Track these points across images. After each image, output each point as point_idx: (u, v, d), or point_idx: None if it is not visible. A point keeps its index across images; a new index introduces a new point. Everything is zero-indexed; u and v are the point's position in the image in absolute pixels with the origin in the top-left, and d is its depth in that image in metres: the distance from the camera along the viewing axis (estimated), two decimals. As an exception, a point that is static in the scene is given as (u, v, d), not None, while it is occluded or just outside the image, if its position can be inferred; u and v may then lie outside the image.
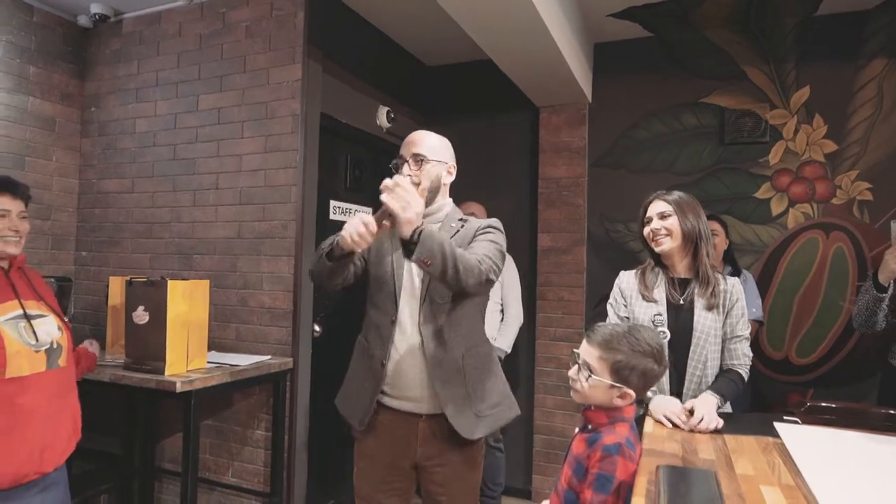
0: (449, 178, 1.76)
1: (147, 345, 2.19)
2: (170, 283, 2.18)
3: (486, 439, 3.01)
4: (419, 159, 1.68)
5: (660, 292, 1.82)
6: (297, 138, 2.68)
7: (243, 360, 2.50)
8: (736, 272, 2.67)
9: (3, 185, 1.74)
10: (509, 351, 3.06)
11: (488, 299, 1.82)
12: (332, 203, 3.02)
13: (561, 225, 3.41)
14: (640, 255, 1.81)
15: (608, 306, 1.93)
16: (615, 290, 1.94)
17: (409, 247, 1.44)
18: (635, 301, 1.86)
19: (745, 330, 1.79)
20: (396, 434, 1.69)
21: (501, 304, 3.12)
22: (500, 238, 1.70)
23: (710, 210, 2.46)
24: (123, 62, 3.20)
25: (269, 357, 2.62)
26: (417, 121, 3.77)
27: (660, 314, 1.79)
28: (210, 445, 2.83)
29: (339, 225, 3.01)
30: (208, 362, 2.39)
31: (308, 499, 2.80)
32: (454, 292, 1.62)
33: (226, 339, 2.77)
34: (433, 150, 1.70)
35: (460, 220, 1.74)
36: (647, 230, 1.84)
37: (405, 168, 1.68)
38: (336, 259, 1.59)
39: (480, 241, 1.65)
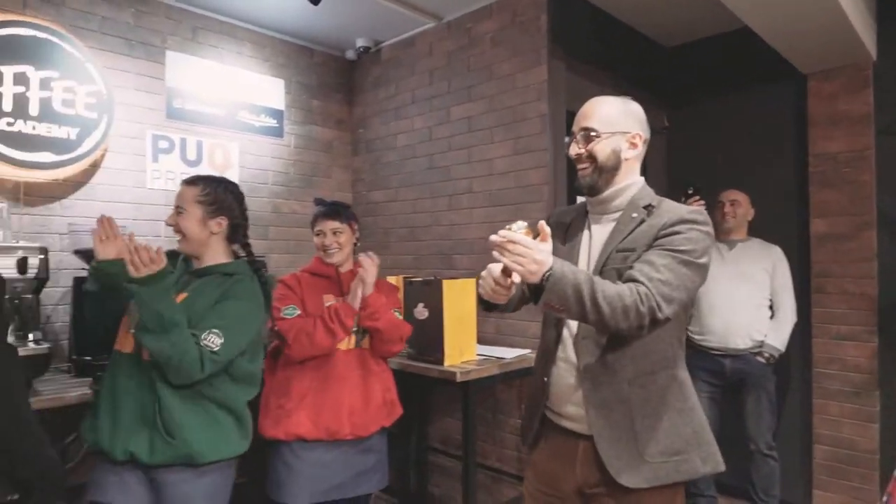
0: (632, 152, 1.43)
1: (427, 338, 2.45)
2: (444, 282, 2.41)
3: (757, 446, 2.81)
4: (588, 134, 1.42)
5: None
6: (545, 138, 2.75)
7: (506, 354, 2.65)
8: None
9: (319, 211, 2.14)
10: (783, 350, 2.77)
11: (692, 306, 1.47)
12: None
13: (841, 207, 2.97)
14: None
15: None
16: None
17: (537, 292, 1.24)
18: None
19: None
20: (558, 452, 1.48)
21: (770, 300, 2.83)
22: (695, 241, 1.31)
23: None
24: (383, 86, 3.61)
25: (528, 350, 2.74)
26: (660, 106, 3.60)
27: None
28: (476, 431, 3.05)
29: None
30: (477, 354, 2.58)
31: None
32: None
33: (487, 332, 2.96)
34: (607, 120, 1.42)
35: (646, 207, 1.41)
36: None
37: (573, 147, 1.45)
38: (492, 307, 1.47)
39: (659, 253, 1.31)
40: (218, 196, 1.76)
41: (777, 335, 2.77)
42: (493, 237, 1.25)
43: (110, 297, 1.68)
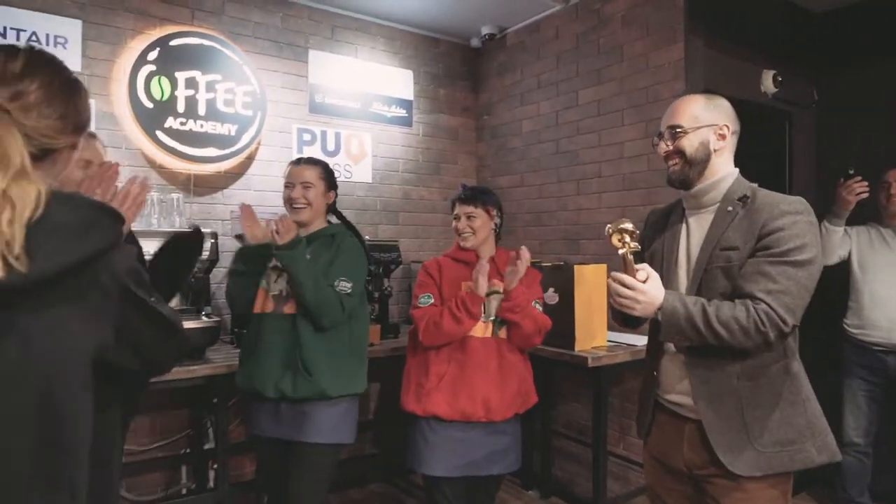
0: (720, 143, 1.45)
1: (558, 322, 2.46)
2: (575, 267, 2.41)
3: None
4: (675, 132, 1.45)
5: None
6: (681, 119, 2.64)
7: (637, 341, 2.60)
8: None
9: (457, 195, 2.19)
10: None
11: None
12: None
13: None
14: None
15: None
16: None
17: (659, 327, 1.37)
18: None
19: None
20: (667, 431, 1.53)
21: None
22: (801, 235, 1.31)
23: None
24: (509, 72, 3.63)
25: (660, 338, 2.67)
26: (809, 78, 3.31)
27: None
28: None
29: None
30: (607, 341, 2.56)
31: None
32: None
33: (616, 319, 2.93)
34: (692, 116, 1.45)
35: (741, 199, 1.41)
36: None
37: (661, 145, 1.50)
38: (630, 320, 1.53)
39: (771, 261, 1.31)
40: (331, 173, 2.15)
41: None
42: (610, 283, 1.38)
43: (254, 273, 2.05)
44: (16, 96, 0.89)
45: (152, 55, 2.75)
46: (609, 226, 1.40)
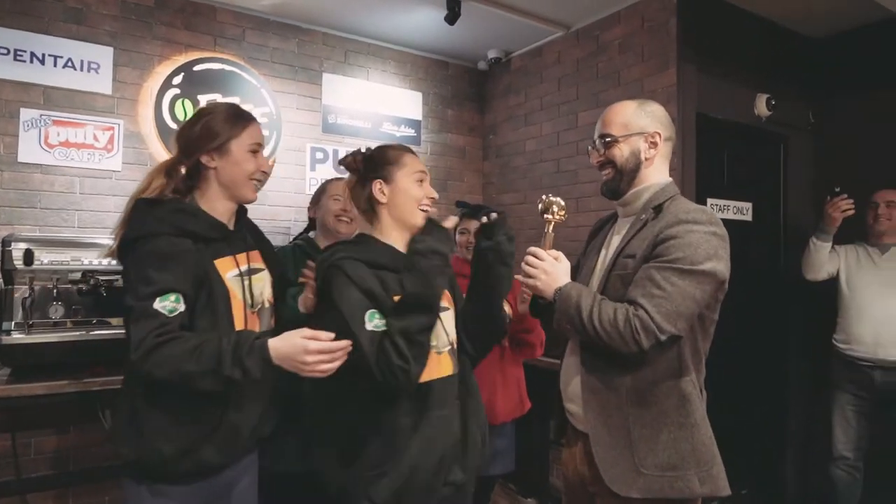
0: (651, 151, 1.43)
1: (554, 333, 2.58)
2: (568, 281, 2.53)
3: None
4: (605, 141, 1.45)
5: None
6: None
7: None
8: None
9: (464, 213, 2.29)
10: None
11: (709, 321, 1.39)
12: (710, 201, 2.99)
13: None
14: None
15: None
16: None
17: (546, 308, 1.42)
18: None
19: None
20: (569, 444, 1.53)
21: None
22: (694, 245, 1.28)
23: None
24: (513, 94, 3.79)
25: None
26: (806, 102, 3.40)
27: None
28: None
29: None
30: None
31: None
32: None
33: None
34: (622, 124, 1.44)
35: (655, 208, 1.40)
36: None
37: (593, 154, 1.49)
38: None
39: (658, 266, 1.29)
40: None
41: None
42: (526, 256, 1.43)
43: None
44: None
45: (177, 79, 2.95)
46: (543, 196, 1.49)
